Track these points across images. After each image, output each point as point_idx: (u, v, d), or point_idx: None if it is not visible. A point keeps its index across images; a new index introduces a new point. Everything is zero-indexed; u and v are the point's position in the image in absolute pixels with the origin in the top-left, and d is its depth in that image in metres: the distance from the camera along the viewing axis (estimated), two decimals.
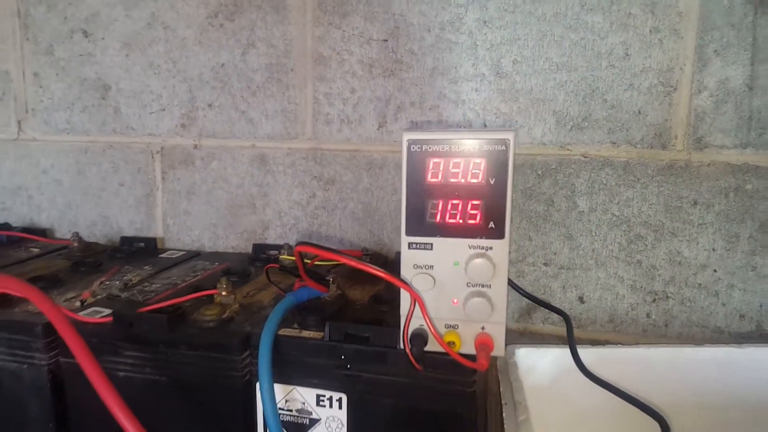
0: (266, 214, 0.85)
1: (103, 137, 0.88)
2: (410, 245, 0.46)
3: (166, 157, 0.86)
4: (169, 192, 0.87)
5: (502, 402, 0.58)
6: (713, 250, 0.68)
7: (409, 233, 0.46)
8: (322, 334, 0.53)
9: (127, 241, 0.86)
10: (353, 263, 0.46)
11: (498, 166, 0.43)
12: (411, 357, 0.44)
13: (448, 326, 0.46)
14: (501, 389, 0.60)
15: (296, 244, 0.47)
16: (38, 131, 0.91)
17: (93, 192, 0.91)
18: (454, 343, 0.45)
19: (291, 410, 0.53)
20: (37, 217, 0.94)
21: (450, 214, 0.45)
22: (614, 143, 0.70)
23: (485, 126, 0.75)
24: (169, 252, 0.85)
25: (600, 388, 0.59)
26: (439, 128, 0.76)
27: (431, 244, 0.45)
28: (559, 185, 0.73)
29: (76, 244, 0.82)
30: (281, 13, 0.78)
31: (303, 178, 0.82)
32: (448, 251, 0.45)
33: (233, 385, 0.54)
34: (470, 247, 0.45)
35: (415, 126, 0.77)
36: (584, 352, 0.63)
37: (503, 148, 0.43)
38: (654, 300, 0.71)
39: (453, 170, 0.44)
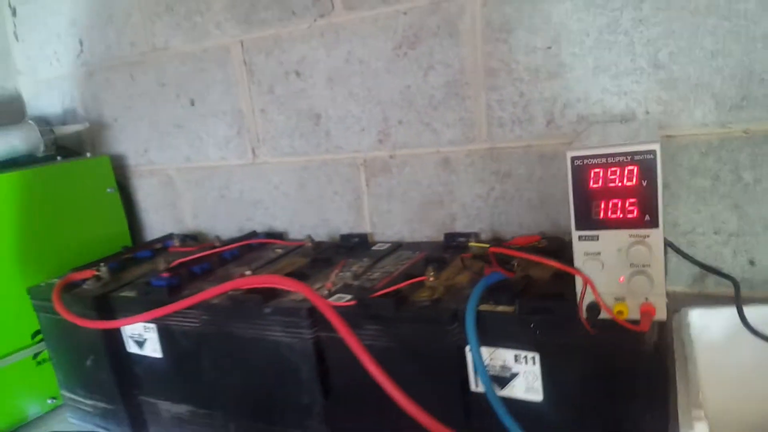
0: (452, 208, 1.00)
1: (318, 156, 1.10)
2: (580, 237, 0.58)
3: (368, 168, 1.06)
4: (373, 196, 1.07)
5: (675, 356, 0.68)
6: None
7: (578, 228, 0.58)
8: (513, 308, 0.67)
9: (345, 237, 1.08)
10: (534, 258, 0.60)
11: (649, 170, 0.54)
12: (586, 325, 0.57)
13: (617, 299, 0.58)
14: (674, 346, 0.70)
15: (489, 247, 0.61)
16: (268, 155, 1.16)
17: (314, 200, 1.13)
18: (622, 312, 0.57)
19: (495, 366, 0.68)
20: (273, 223, 1.20)
21: (611, 211, 0.56)
22: None
23: (647, 113, 0.83)
24: (378, 245, 1.04)
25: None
26: (604, 119, 0.85)
27: (597, 236, 0.57)
28: (722, 161, 0.79)
29: (309, 244, 1.05)
30: (454, 38, 0.92)
31: (482, 174, 0.96)
32: (612, 240, 0.57)
33: (447, 349, 0.71)
34: (630, 236, 0.56)
35: (581, 119, 0.87)
36: (753, 311, 0.70)
37: (651, 156, 0.53)
38: None
39: (611, 177, 0.55)
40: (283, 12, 1.05)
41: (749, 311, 0.72)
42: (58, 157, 1.28)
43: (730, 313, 0.74)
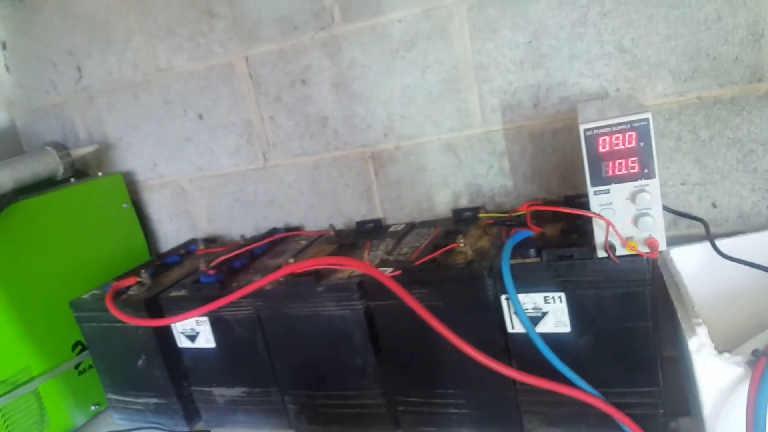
0: (457, 187, 1.15)
1: (328, 154, 1.22)
2: (595, 192, 0.74)
3: (376, 159, 1.19)
4: (382, 185, 1.20)
5: (667, 285, 0.84)
6: None
7: (593, 185, 0.73)
8: (538, 259, 0.82)
9: (361, 224, 1.20)
10: (575, 212, 0.75)
11: (644, 134, 0.70)
12: (612, 256, 0.72)
13: (627, 238, 0.74)
14: (665, 278, 0.87)
15: (529, 205, 0.77)
16: (279, 158, 1.27)
17: (327, 194, 1.25)
18: (634, 246, 0.73)
19: (528, 308, 0.83)
20: (288, 219, 1.31)
21: (618, 168, 0.72)
22: (720, 85, 0.93)
23: (618, 90, 0.99)
24: (393, 227, 1.17)
25: (737, 269, 0.84)
26: (582, 98, 1.01)
27: (609, 190, 0.73)
28: (683, 124, 0.97)
29: (332, 233, 1.17)
30: (446, 39, 1.07)
31: (481, 155, 1.11)
32: (620, 192, 0.73)
33: (486, 300, 0.85)
34: (634, 187, 0.72)
35: (563, 100, 1.03)
36: (722, 242, 0.88)
37: (646, 123, 0.69)
38: None
39: (615, 141, 0.71)
40: (285, 27, 1.17)
41: (718, 243, 0.90)
42: (71, 179, 1.34)
43: (702, 248, 0.92)
